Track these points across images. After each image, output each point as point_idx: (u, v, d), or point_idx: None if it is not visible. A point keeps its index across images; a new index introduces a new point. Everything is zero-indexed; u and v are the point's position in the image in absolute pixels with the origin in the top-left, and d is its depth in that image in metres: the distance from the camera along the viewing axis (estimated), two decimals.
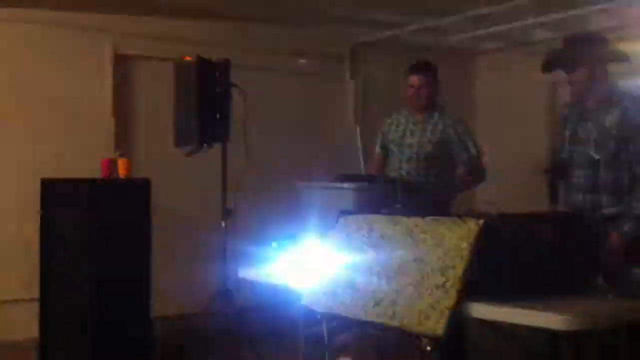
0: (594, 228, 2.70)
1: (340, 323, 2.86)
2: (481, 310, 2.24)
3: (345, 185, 3.36)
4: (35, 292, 4.13)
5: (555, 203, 3.18)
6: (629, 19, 5.39)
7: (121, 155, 4.38)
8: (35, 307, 4.13)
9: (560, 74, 3.09)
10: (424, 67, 3.92)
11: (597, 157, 2.94)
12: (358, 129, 3.96)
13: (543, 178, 3.27)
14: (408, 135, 3.91)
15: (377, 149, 4.06)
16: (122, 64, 5.35)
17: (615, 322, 2.25)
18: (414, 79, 3.89)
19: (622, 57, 3.04)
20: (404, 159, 3.88)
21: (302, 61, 5.91)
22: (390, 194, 3.19)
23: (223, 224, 3.81)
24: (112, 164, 4.29)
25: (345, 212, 2.97)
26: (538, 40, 5.37)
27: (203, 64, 3.98)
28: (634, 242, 2.84)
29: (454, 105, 4.06)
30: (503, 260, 2.33)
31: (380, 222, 2.76)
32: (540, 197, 3.24)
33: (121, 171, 4.28)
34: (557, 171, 3.17)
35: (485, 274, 2.31)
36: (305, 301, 2.79)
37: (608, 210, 2.87)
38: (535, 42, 5.57)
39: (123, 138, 5.22)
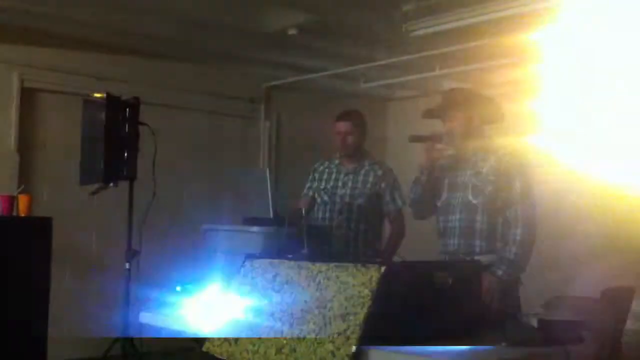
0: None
1: None
2: (380, 357, 2.26)
3: (252, 228, 3.35)
4: None
5: None
6: (529, 74, 5.69)
7: (22, 192, 4.22)
8: None
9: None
10: (350, 115, 3.98)
11: (474, 201, 3.05)
12: (267, 171, 3.98)
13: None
14: (340, 186, 3.93)
15: (307, 191, 4.05)
16: (28, 97, 5.19)
17: None
18: (340, 126, 3.94)
19: (496, 117, 3.20)
20: (336, 209, 3.89)
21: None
22: (297, 238, 3.20)
23: (127, 266, 3.72)
24: (11, 200, 4.12)
25: (251, 256, 2.96)
26: (445, 90, 5.57)
27: (112, 101, 3.92)
28: (508, 286, 2.95)
29: (367, 146, 4.14)
30: (404, 308, 2.37)
31: (285, 267, 2.75)
32: None
33: (21, 209, 4.12)
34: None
35: (387, 321, 2.34)
36: (207, 347, 2.74)
37: (483, 257, 2.96)
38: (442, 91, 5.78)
39: (26, 174, 5.04)
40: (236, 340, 2.66)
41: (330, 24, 4.92)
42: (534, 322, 2.33)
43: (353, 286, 2.43)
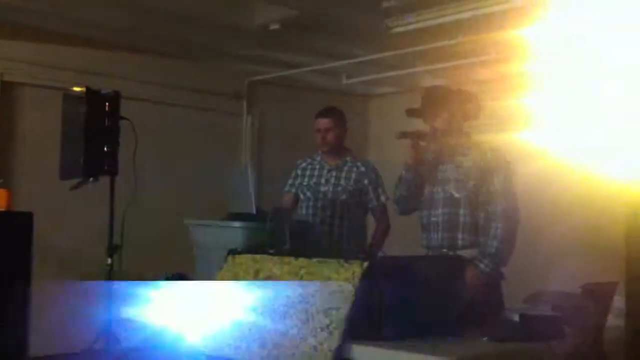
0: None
1: None
2: (362, 352, 2.28)
3: (235, 224, 3.36)
4: None
5: None
6: (510, 70, 5.74)
7: (1, 186, 4.18)
8: None
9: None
10: (330, 111, 3.99)
11: (457, 195, 3.08)
12: (249, 167, 3.98)
13: None
14: (323, 183, 3.94)
15: (290, 188, 4.05)
16: (7, 91, 5.13)
17: None
18: (320, 122, 3.96)
19: (477, 113, 3.22)
20: (319, 206, 3.90)
21: None
22: (279, 233, 3.20)
23: (109, 261, 3.69)
24: None
25: (233, 251, 2.97)
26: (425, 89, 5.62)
27: (92, 95, 3.87)
28: (491, 280, 2.98)
29: (348, 143, 4.15)
30: (386, 302, 2.39)
31: (267, 262, 2.77)
32: None
33: (1, 203, 4.08)
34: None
35: (369, 316, 2.36)
36: (190, 342, 2.74)
37: (465, 251, 2.99)
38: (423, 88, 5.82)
39: (6, 168, 4.98)
40: (219, 334, 2.66)
41: (313, 20, 4.92)
42: (516, 317, 2.36)
43: (336, 281, 2.45)
